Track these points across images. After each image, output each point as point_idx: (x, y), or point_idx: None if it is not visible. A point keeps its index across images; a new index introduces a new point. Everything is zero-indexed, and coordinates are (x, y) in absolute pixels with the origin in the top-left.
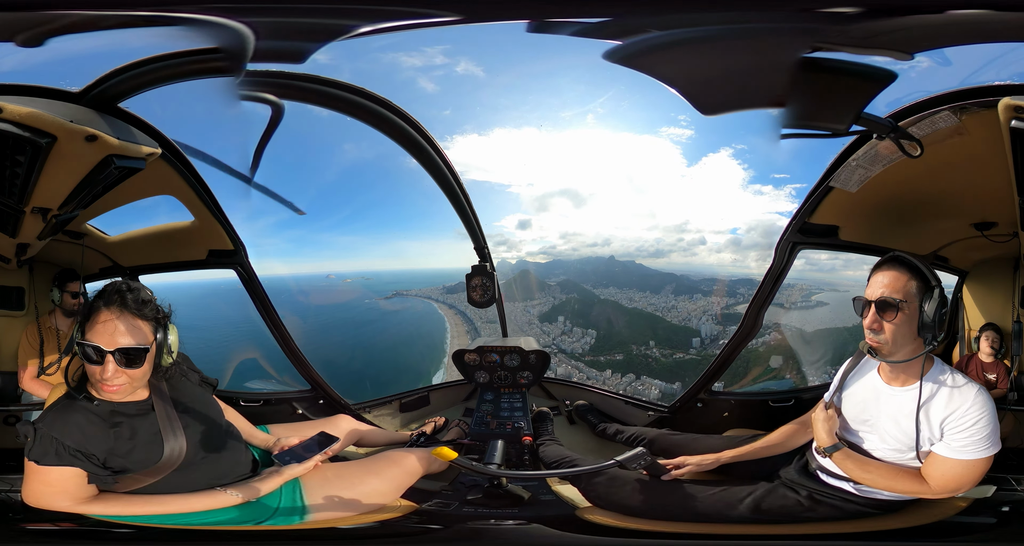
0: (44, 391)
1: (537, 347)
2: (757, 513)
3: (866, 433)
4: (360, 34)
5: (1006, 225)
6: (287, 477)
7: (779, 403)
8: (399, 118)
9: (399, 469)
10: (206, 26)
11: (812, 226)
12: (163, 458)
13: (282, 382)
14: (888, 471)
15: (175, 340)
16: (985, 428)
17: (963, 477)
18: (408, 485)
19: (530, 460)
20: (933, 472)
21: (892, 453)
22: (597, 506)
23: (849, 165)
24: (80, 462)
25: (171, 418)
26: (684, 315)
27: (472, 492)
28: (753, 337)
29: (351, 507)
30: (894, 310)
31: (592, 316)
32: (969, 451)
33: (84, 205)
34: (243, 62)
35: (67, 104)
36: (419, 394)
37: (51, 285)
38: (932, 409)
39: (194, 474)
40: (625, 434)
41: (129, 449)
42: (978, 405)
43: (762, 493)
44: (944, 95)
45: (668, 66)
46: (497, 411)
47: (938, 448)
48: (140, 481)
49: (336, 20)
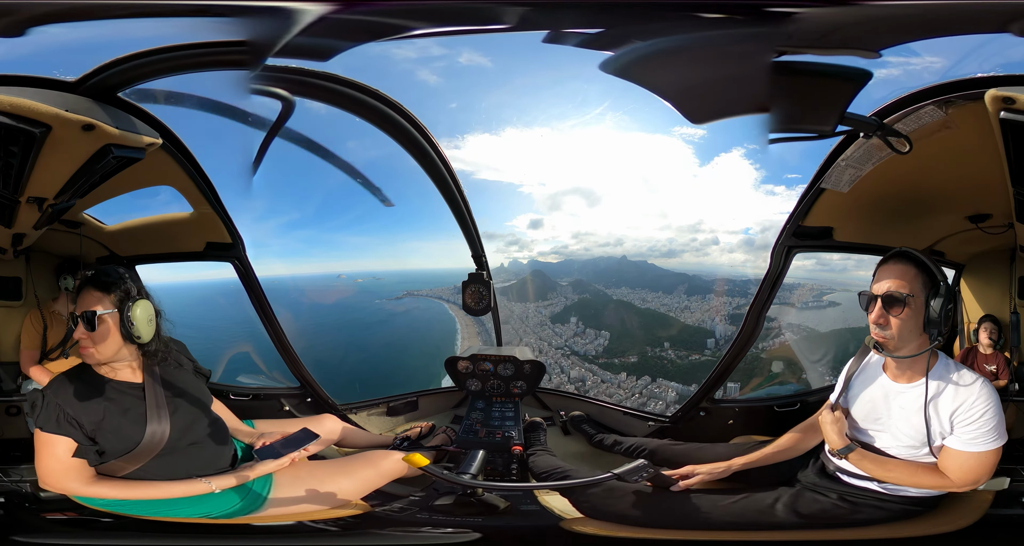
0: (46, 376)
1: (532, 357)
2: (798, 518)
3: (877, 432)
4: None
5: (1000, 216)
6: (260, 472)
7: (784, 408)
8: (406, 121)
9: (372, 470)
10: (235, 17)
11: (806, 229)
12: (144, 439)
13: (272, 378)
14: (908, 467)
15: (142, 315)
16: (992, 420)
17: (980, 468)
18: (376, 487)
19: (518, 470)
20: (951, 465)
21: (905, 450)
22: (590, 517)
23: (839, 165)
24: (75, 431)
25: (159, 402)
26: (698, 316)
27: (443, 499)
28: (754, 341)
29: (313, 504)
30: (900, 305)
31: (605, 317)
32: (980, 443)
33: (81, 194)
34: (264, 56)
35: (63, 94)
36: (408, 398)
37: (61, 273)
38: (940, 404)
39: (176, 461)
40: (624, 445)
41: (116, 426)
42: (984, 397)
43: (789, 498)
44: (927, 90)
45: (655, 76)
46: (487, 420)
47: (950, 442)
48: (123, 467)
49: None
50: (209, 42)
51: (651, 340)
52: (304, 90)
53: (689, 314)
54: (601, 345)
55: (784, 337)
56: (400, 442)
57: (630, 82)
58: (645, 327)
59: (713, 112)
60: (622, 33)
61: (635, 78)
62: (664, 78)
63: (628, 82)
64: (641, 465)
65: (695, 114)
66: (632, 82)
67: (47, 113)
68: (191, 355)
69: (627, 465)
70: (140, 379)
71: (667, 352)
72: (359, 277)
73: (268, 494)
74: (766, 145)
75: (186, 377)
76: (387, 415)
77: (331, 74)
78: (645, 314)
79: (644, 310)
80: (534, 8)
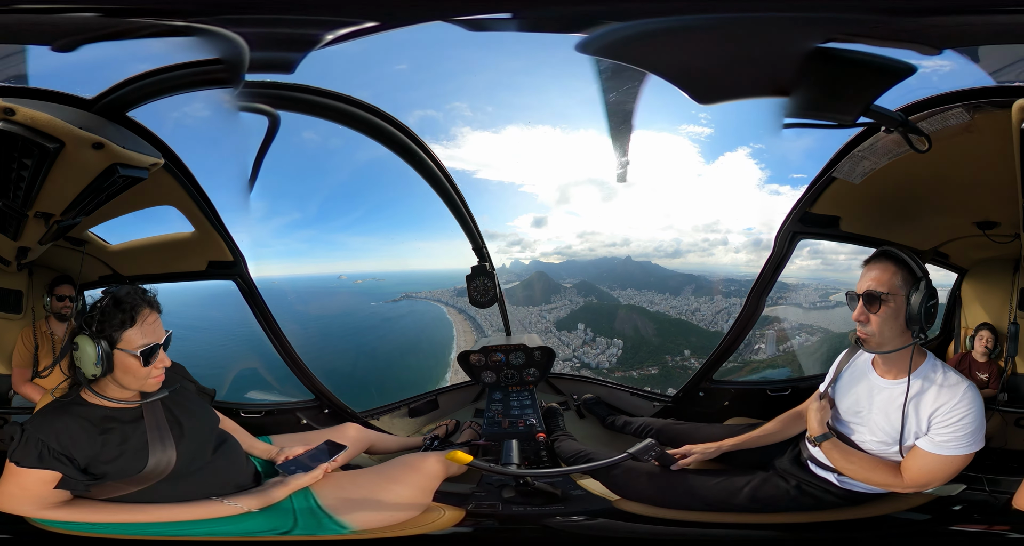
0: (36, 394)
1: (541, 343)
2: (753, 502)
3: (857, 425)
4: (343, 38)
5: (1008, 226)
6: (294, 487)
7: (777, 392)
8: (388, 124)
9: (420, 474)
10: (206, 37)
11: (813, 216)
12: (147, 468)
13: (283, 392)
14: (868, 463)
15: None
16: (970, 425)
17: (937, 472)
18: (434, 489)
19: (548, 456)
20: (911, 465)
21: (879, 446)
22: (624, 497)
23: (854, 156)
24: (63, 466)
25: (161, 428)
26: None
27: (505, 491)
28: (754, 323)
29: (377, 514)
30: (878, 302)
31: (616, 323)
32: (951, 447)
33: (87, 212)
34: (240, 72)
35: (78, 110)
36: (427, 398)
37: (44, 294)
38: (921, 403)
39: (185, 484)
40: (633, 425)
41: (115, 456)
42: (966, 401)
43: (758, 482)
44: (959, 92)
45: (662, 55)
46: (507, 410)
47: (921, 442)
48: (122, 489)
49: (313, 30)
50: (195, 61)
51: (669, 348)
52: (283, 104)
53: (700, 316)
54: (615, 355)
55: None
56: (431, 442)
57: (637, 66)
58: (661, 333)
59: (727, 92)
60: (635, 10)
61: (638, 58)
62: (673, 56)
63: (640, 77)
64: (649, 444)
65: (704, 94)
66: (638, 65)
67: (62, 129)
68: (191, 376)
69: (638, 445)
70: (135, 402)
71: (688, 360)
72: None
73: (320, 507)
74: (776, 132)
75: (188, 397)
76: (409, 416)
77: (306, 86)
78: (658, 319)
79: (656, 314)
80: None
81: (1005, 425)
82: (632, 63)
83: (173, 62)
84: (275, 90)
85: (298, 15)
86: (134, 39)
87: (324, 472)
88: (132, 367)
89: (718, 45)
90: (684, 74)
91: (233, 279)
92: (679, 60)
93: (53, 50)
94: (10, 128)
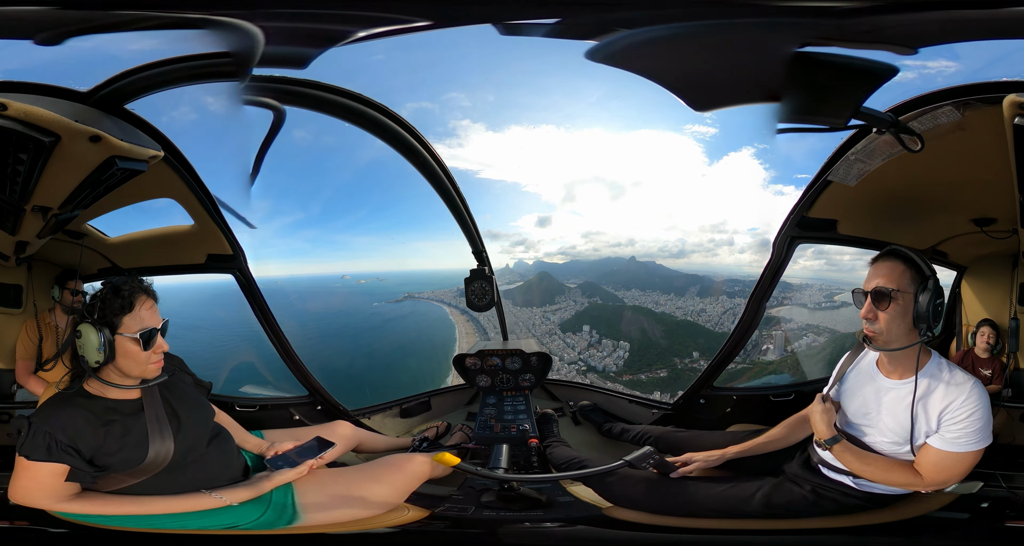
0: (39, 387)
1: (538, 349)
2: (769, 508)
3: (866, 427)
4: (359, 39)
5: (1005, 222)
6: (277, 482)
7: (780, 398)
8: (394, 122)
9: (403, 474)
10: (216, 29)
11: (810, 220)
12: (147, 459)
13: (278, 387)
14: (884, 464)
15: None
16: (979, 421)
17: (953, 469)
18: (412, 490)
19: (539, 462)
20: (925, 463)
21: (890, 446)
22: (618, 505)
23: (848, 159)
24: (71, 458)
25: (160, 419)
26: (716, 319)
27: (485, 495)
28: (755, 329)
29: (350, 511)
30: (887, 299)
31: (622, 324)
32: (962, 443)
33: (85, 205)
34: (249, 66)
35: (73, 104)
36: (420, 399)
37: (52, 284)
38: (930, 402)
39: (181, 476)
40: (631, 432)
41: (118, 448)
42: (974, 398)
43: (770, 488)
44: (947, 90)
45: (656, 63)
46: (500, 414)
47: (933, 440)
48: (123, 481)
49: (337, 26)
50: (203, 54)
51: (677, 350)
52: (290, 98)
53: (706, 317)
54: (621, 358)
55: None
56: (419, 443)
57: (630, 71)
58: (668, 335)
59: (720, 99)
60: (622, 20)
61: (633, 64)
62: (665, 64)
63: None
64: (647, 452)
65: (699, 101)
66: (631, 70)
67: (57, 122)
68: (189, 369)
69: (635, 452)
70: (136, 394)
71: (698, 363)
72: (362, 278)
73: (294, 503)
74: (775, 135)
75: (185, 390)
76: (401, 417)
77: (313, 81)
78: (664, 320)
79: (662, 315)
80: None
81: (1012, 421)
82: (632, 70)
83: (181, 54)
84: (277, 84)
85: (316, 10)
86: (149, 30)
87: (309, 468)
88: (132, 352)
89: (716, 52)
90: (680, 81)
91: (232, 273)
92: (675, 67)
93: (49, 44)
94: (3, 123)
